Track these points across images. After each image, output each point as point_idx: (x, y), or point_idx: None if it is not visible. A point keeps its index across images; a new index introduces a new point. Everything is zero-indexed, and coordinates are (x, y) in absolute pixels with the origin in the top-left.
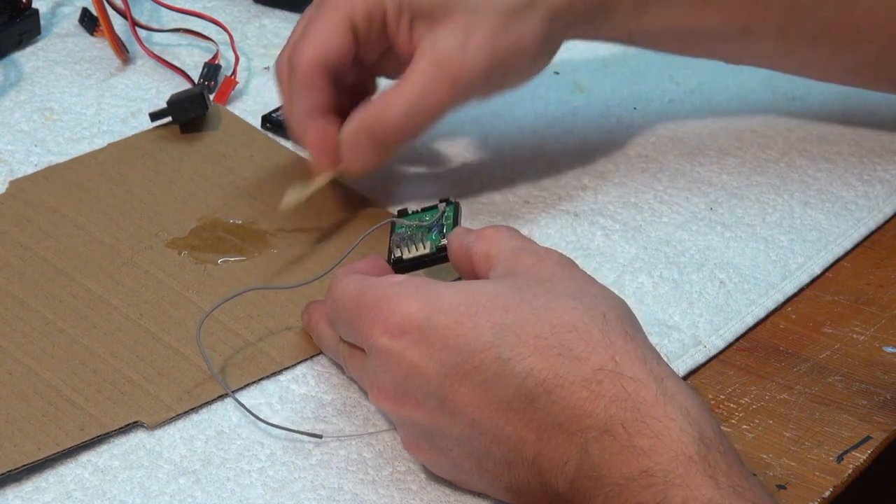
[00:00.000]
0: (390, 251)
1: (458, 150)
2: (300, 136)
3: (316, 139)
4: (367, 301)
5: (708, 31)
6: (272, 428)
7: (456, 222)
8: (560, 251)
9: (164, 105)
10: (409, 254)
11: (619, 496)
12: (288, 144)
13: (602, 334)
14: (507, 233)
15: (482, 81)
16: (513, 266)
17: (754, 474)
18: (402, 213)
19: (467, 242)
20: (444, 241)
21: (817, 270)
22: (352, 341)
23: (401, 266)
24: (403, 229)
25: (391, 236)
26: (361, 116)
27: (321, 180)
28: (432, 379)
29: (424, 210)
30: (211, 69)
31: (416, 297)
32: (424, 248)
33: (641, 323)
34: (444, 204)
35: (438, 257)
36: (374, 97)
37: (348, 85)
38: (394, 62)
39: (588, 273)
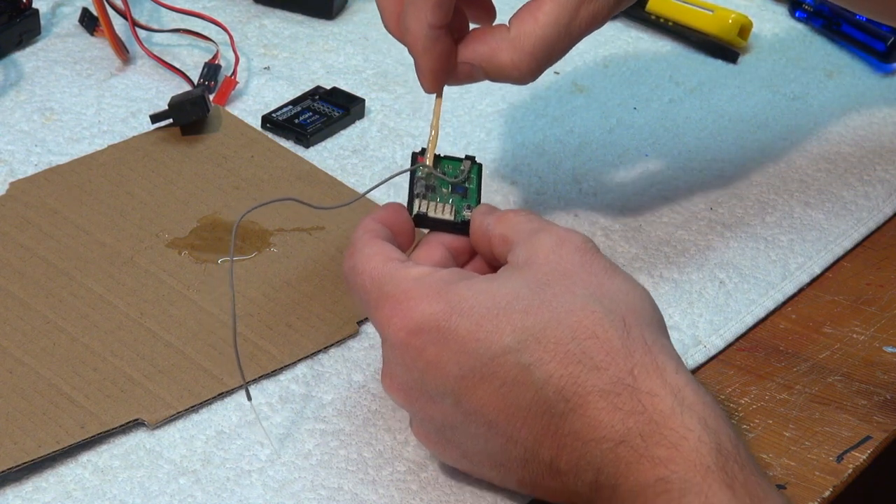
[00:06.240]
0: (411, 196)
1: (458, 150)
2: (415, 52)
3: (436, 62)
4: (388, 291)
5: None
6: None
7: (479, 184)
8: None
9: (164, 105)
10: (432, 213)
11: (634, 502)
12: (288, 144)
13: (622, 343)
14: (526, 217)
15: (603, 20)
16: (532, 250)
17: (777, 486)
18: (425, 152)
19: (486, 225)
20: (466, 214)
21: (817, 270)
22: (368, 316)
23: (422, 222)
24: (426, 175)
25: (413, 179)
26: (481, 53)
27: (438, 109)
28: (449, 379)
29: (447, 158)
30: (211, 69)
31: (436, 296)
32: (448, 213)
33: None
34: (469, 162)
35: (460, 229)
36: (497, 32)
37: None
38: None
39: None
